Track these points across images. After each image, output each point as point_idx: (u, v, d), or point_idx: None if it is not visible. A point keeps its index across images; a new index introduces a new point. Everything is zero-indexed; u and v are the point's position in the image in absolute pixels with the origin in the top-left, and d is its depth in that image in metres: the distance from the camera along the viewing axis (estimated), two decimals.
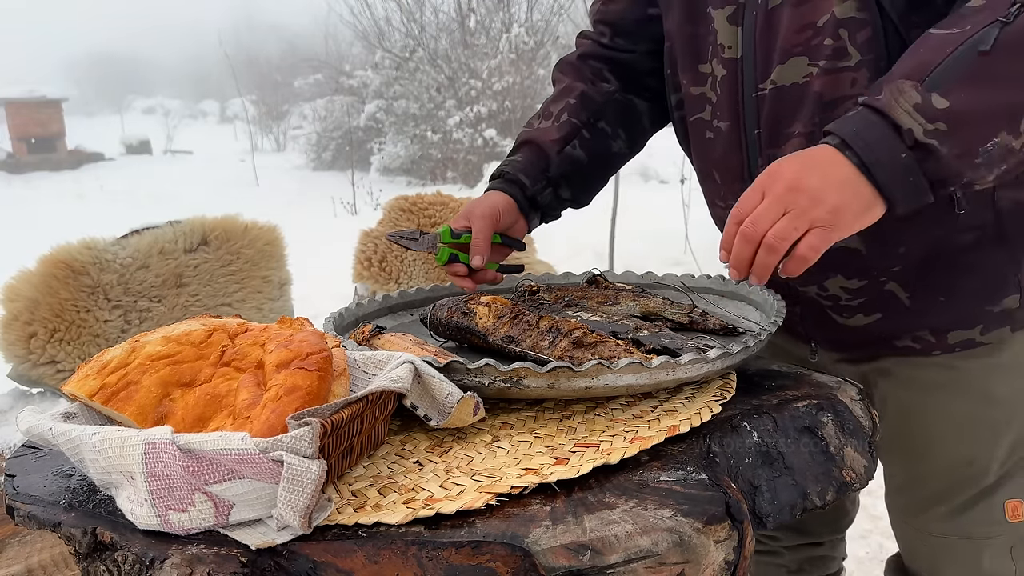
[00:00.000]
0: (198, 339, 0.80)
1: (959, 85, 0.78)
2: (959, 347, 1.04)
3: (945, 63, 0.79)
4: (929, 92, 0.78)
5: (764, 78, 1.01)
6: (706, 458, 0.78)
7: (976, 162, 0.79)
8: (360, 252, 2.55)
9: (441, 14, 11.52)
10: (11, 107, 14.75)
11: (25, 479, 0.80)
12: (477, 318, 1.00)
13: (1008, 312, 1.02)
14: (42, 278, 2.11)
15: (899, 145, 0.79)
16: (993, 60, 0.77)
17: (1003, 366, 1.05)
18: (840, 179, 0.81)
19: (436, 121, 10.80)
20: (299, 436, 0.65)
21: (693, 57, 1.11)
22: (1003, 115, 0.78)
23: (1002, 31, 0.77)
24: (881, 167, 0.80)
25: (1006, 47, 0.77)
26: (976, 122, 0.78)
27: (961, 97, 0.78)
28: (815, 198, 0.80)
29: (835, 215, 0.80)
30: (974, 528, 1.09)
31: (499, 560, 0.63)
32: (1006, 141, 0.78)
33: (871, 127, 0.80)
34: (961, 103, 0.78)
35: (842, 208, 0.80)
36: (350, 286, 2.60)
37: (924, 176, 0.79)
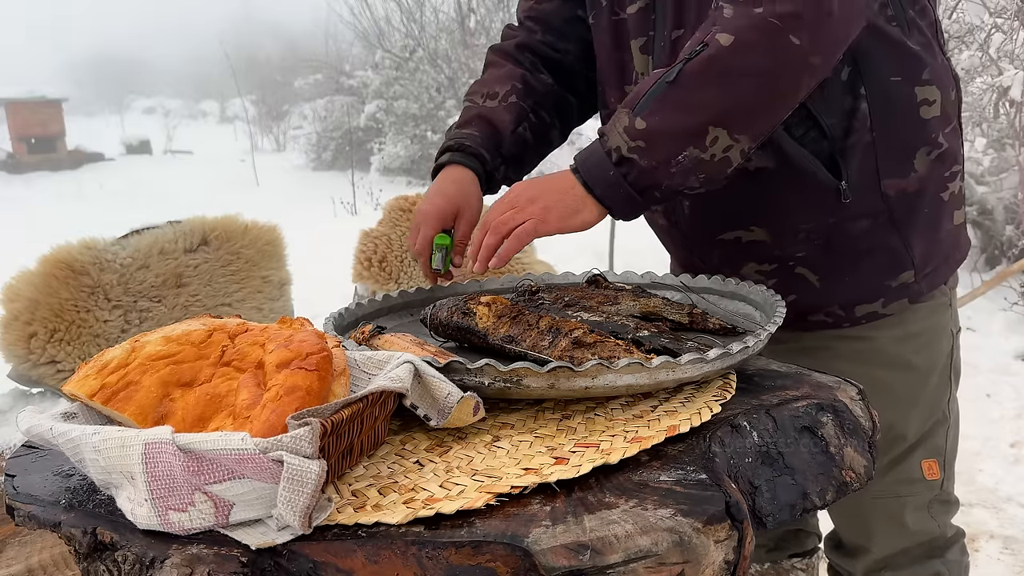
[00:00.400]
0: (198, 339, 0.80)
1: (653, 110, 0.96)
2: (865, 319, 1.19)
3: (648, 92, 0.97)
4: (635, 116, 0.97)
5: None
6: (706, 458, 0.78)
7: (671, 171, 0.97)
8: (360, 252, 2.55)
9: (441, 14, 11.51)
10: (11, 107, 14.75)
11: (25, 479, 0.80)
12: (477, 318, 1.00)
13: (905, 285, 1.17)
14: (42, 278, 2.11)
15: (608, 165, 0.99)
16: (677, 89, 0.95)
17: (913, 335, 1.20)
18: (557, 189, 1.02)
19: (436, 121, 10.79)
20: (299, 436, 0.65)
21: (620, 78, 1.24)
22: (688, 133, 0.95)
23: (685, 66, 0.95)
24: (595, 183, 1.00)
25: (685, 79, 0.95)
26: (666, 139, 0.96)
27: (655, 119, 0.96)
28: (532, 199, 1.02)
29: (545, 212, 1.01)
30: (898, 487, 1.22)
31: (499, 560, 0.63)
32: (695, 154, 0.96)
33: (592, 153, 1.01)
34: (654, 124, 0.96)
35: (551, 207, 1.01)
36: (350, 286, 2.60)
37: (630, 186, 0.99)
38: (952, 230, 1.20)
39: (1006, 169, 4.65)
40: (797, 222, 1.14)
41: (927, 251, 1.17)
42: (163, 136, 17.68)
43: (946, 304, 1.23)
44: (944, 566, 1.25)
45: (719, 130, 0.94)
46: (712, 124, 0.94)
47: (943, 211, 1.17)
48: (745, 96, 0.94)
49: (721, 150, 0.95)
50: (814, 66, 0.94)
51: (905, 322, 1.19)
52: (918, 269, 1.17)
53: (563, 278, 1.31)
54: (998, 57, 4.18)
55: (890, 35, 1.08)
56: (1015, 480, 2.52)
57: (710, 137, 0.95)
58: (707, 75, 0.94)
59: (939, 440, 1.24)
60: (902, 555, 1.25)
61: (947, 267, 1.21)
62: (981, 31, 4.30)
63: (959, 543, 1.28)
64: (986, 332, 3.82)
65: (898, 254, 1.16)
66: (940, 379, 1.23)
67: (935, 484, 1.24)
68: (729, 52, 0.92)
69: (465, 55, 10.88)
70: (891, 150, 1.11)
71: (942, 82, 1.12)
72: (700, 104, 0.94)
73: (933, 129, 1.12)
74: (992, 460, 2.66)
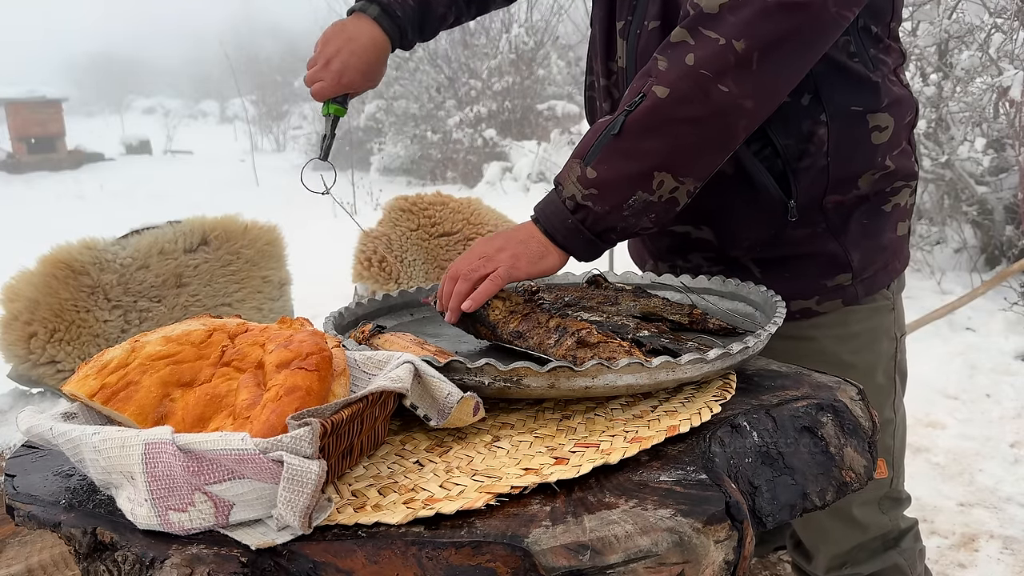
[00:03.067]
0: (198, 339, 0.80)
1: (600, 160, 1.02)
2: (800, 314, 1.23)
3: (595, 144, 1.03)
4: (586, 166, 1.03)
5: None
6: (706, 458, 0.78)
7: (624, 214, 1.02)
8: (360, 252, 2.55)
9: None
10: (11, 107, 14.74)
11: (25, 479, 0.80)
12: (491, 309, 1.01)
13: (841, 287, 1.22)
14: (42, 278, 2.11)
15: (565, 214, 1.04)
16: (621, 140, 1.01)
17: (853, 336, 1.24)
18: (521, 238, 1.07)
19: (436, 121, 10.79)
20: (299, 436, 0.65)
21: (606, 53, 1.27)
22: (636, 179, 1.01)
23: (627, 118, 1.00)
24: (556, 231, 1.05)
25: (628, 130, 1.00)
26: (616, 186, 1.01)
27: (603, 168, 1.01)
28: (500, 249, 1.06)
29: (513, 259, 1.05)
30: None
31: (499, 560, 0.63)
32: (644, 197, 1.01)
33: (550, 203, 1.06)
34: (604, 172, 1.01)
35: (518, 255, 1.05)
36: (350, 286, 2.60)
37: (588, 231, 1.04)
38: (895, 240, 1.25)
39: (1006, 169, 4.65)
40: (742, 230, 1.21)
41: (866, 257, 1.21)
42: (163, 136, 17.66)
43: (888, 308, 1.27)
44: (900, 555, 1.30)
45: (664, 174, 1.00)
46: (656, 169, 1.00)
47: (885, 222, 1.22)
48: (685, 142, 1.00)
49: (668, 191, 1.01)
50: (748, 109, 0.99)
51: (845, 323, 1.24)
52: (856, 273, 1.21)
53: (563, 278, 1.31)
54: (998, 57, 4.18)
55: (852, 69, 1.12)
56: (1015, 480, 2.52)
57: (656, 181, 1.00)
58: (647, 125, 0.99)
59: (887, 440, 1.28)
60: (859, 550, 1.29)
61: (886, 274, 1.25)
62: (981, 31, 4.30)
63: (912, 531, 1.34)
64: (986, 332, 3.82)
65: (837, 258, 1.20)
66: (884, 380, 1.27)
67: (884, 483, 1.28)
68: (666, 103, 0.98)
69: (465, 55, 10.88)
70: (841, 173, 1.15)
71: (899, 110, 1.17)
72: (644, 152, 1.00)
73: (881, 153, 1.17)
74: (992, 460, 2.66)
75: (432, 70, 10.91)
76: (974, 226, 4.73)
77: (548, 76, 10.83)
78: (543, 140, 9.35)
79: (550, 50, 10.87)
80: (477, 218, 2.55)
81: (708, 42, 0.96)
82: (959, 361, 3.46)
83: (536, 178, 8.70)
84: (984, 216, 4.65)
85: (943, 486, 2.49)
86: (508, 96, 10.43)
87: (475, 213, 2.56)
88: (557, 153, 8.74)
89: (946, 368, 3.39)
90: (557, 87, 10.88)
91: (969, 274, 4.51)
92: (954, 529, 2.23)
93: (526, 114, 10.54)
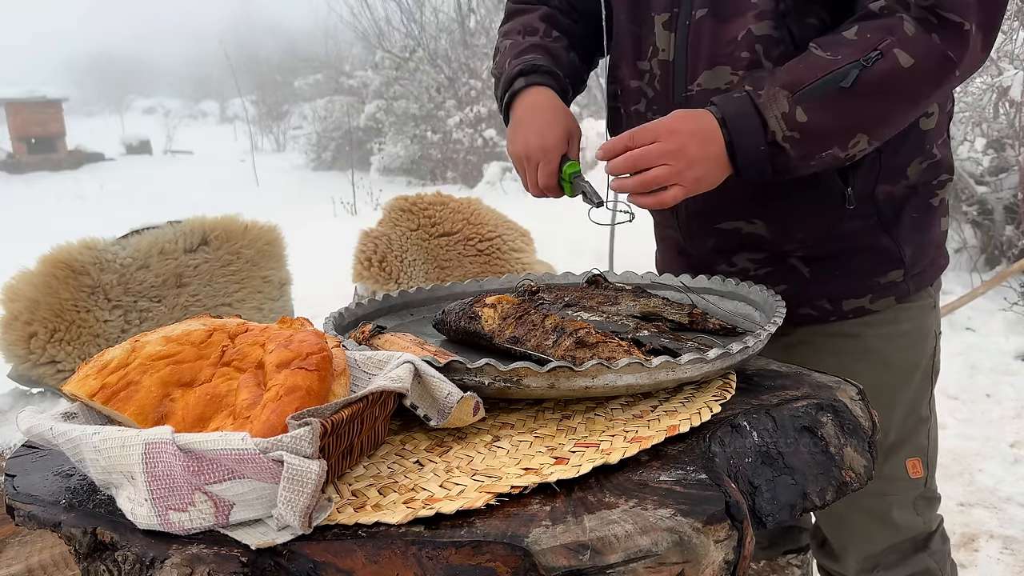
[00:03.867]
0: (198, 339, 0.80)
1: (819, 107, 0.98)
2: (852, 314, 1.20)
3: (814, 85, 0.98)
4: (796, 105, 0.99)
5: (692, 80, 1.14)
6: (706, 458, 0.78)
7: (811, 164, 1.02)
8: (360, 252, 2.55)
9: (441, 14, 11.51)
10: (11, 107, 14.74)
11: (25, 479, 0.80)
12: (483, 321, 1.00)
13: (893, 283, 1.20)
14: (42, 278, 2.11)
15: (761, 139, 1.00)
16: (849, 95, 0.97)
17: (902, 334, 1.22)
18: (711, 155, 1.01)
19: (436, 121, 10.79)
20: (299, 436, 0.65)
21: (635, 54, 1.22)
22: (842, 135, 1.00)
23: (861, 73, 0.97)
24: (743, 150, 1.01)
25: (860, 87, 0.97)
26: (822, 138, 1.00)
27: (817, 115, 0.98)
28: (690, 164, 1.01)
29: (696, 183, 1.02)
30: (884, 485, 1.21)
31: (499, 560, 0.63)
32: (837, 153, 1.01)
33: (746, 117, 1.01)
34: (816, 120, 0.98)
35: (703, 179, 1.02)
36: (350, 286, 2.60)
37: (771, 167, 1.02)
38: (940, 235, 1.24)
39: (1006, 169, 4.65)
40: (798, 221, 1.17)
41: (916, 252, 1.20)
42: (163, 136, 17.67)
43: (931, 306, 1.26)
44: (931, 558, 1.28)
45: (862, 135, 1.00)
46: (862, 130, 1.00)
47: (933, 216, 1.21)
48: (903, 113, 1.01)
49: (857, 152, 1.02)
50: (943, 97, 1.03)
51: (895, 320, 1.22)
52: (908, 269, 1.20)
53: (563, 278, 1.31)
54: (998, 57, 4.18)
55: None
56: (1015, 480, 2.52)
57: (854, 140, 1.00)
58: (882, 88, 0.97)
59: (922, 439, 1.27)
60: (891, 551, 1.27)
61: (933, 270, 1.24)
62: None
63: (939, 531, 1.32)
64: (986, 332, 3.82)
65: (889, 253, 1.19)
66: (922, 379, 1.26)
67: (919, 482, 1.26)
68: (908, 74, 0.97)
69: (465, 55, 10.87)
70: (892, 160, 1.14)
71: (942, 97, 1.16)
72: (864, 111, 0.99)
73: (929, 140, 1.16)
74: (992, 460, 2.66)
75: (432, 70, 10.91)
76: (974, 226, 4.73)
77: None
78: None
79: None
80: (477, 218, 2.55)
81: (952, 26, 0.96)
82: (959, 361, 3.47)
83: None
84: (984, 216, 4.65)
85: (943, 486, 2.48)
86: None
87: (475, 213, 2.56)
88: None
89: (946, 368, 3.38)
90: None
91: (969, 274, 4.51)
92: (954, 529, 2.23)
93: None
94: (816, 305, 1.21)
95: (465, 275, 2.47)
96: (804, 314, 1.22)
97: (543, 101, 1.22)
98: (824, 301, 1.21)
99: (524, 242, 2.60)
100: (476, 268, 2.51)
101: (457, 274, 2.49)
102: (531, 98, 1.23)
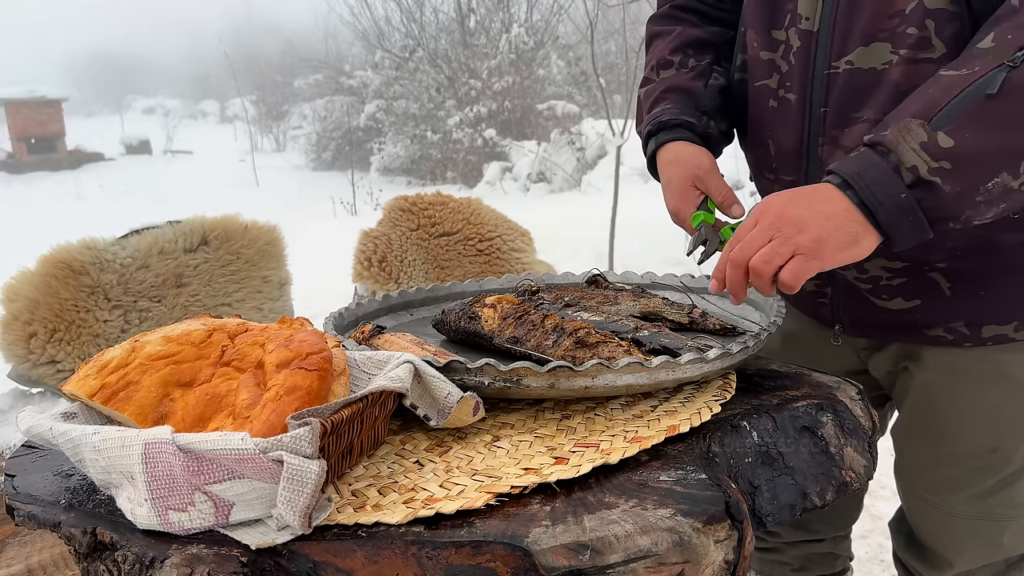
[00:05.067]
0: (198, 339, 0.80)
1: (965, 125, 0.81)
2: (992, 341, 1.06)
3: (952, 103, 0.82)
4: (935, 131, 0.81)
5: (839, 56, 0.99)
6: (706, 458, 0.78)
7: (976, 200, 0.83)
8: (360, 252, 2.55)
9: (441, 14, 11.52)
10: (11, 107, 14.75)
11: (25, 479, 0.80)
12: (483, 321, 1.00)
13: None
14: (42, 278, 2.11)
15: (899, 185, 0.83)
16: (999, 103, 0.80)
17: None
18: (828, 212, 0.85)
19: (436, 121, 10.80)
20: (299, 436, 0.65)
21: (768, 21, 1.09)
22: (1006, 156, 0.81)
23: (1009, 75, 0.80)
24: (881, 207, 0.84)
25: (1012, 91, 0.80)
26: (979, 162, 0.81)
27: (966, 137, 0.81)
28: (800, 227, 0.85)
29: (817, 244, 0.84)
30: (999, 510, 1.13)
31: (499, 560, 0.63)
32: (1006, 181, 0.82)
33: (872, 167, 0.84)
34: (966, 143, 0.81)
35: (824, 239, 0.84)
36: (350, 286, 2.60)
37: (924, 214, 0.83)
38: None
39: None
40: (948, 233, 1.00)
41: None
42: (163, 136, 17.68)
43: None
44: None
45: None
46: None
47: None
48: None
49: None
50: None
51: None
52: None
53: (563, 278, 1.31)
54: None
55: None
56: None
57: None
58: None
59: None
60: (985, 568, 1.20)
61: None
62: None
63: None
64: None
65: None
66: None
67: None
68: None
69: (465, 55, 10.88)
70: None
71: None
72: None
73: None
74: None
75: (432, 70, 10.91)
76: None
77: (548, 76, 10.83)
78: (543, 140, 9.36)
79: (550, 50, 10.87)
80: (477, 218, 2.55)
81: None
82: None
83: (536, 178, 8.71)
84: None
85: None
86: (508, 96, 10.44)
87: (475, 213, 2.56)
88: (557, 153, 8.75)
89: None
90: (557, 87, 10.88)
91: None
92: None
93: (526, 114, 10.54)
94: (951, 328, 1.07)
95: (465, 275, 2.47)
96: (935, 336, 1.08)
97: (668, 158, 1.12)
98: (961, 324, 1.06)
99: (524, 242, 2.60)
100: (476, 268, 2.51)
101: (457, 274, 2.49)
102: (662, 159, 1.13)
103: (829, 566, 1.44)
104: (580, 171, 8.49)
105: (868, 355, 1.19)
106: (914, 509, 1.22)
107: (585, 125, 9.12)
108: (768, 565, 1.44)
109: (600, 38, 7.73)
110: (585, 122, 9.31)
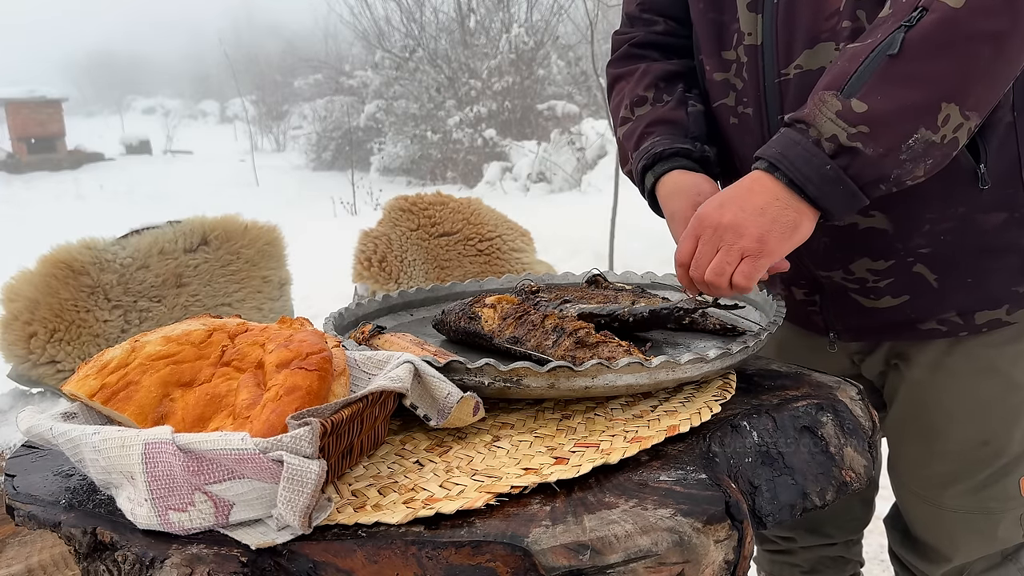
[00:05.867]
0: (198, 339, 0.80)
1: (875, 88, 0.84)
2: (986, 327, 1.06)
3: (860, 70, 0.85)
4: (848, 98, 0.84)
5: (787, 63, 1.02)
6: (706, 458, 0.78)
7: (901, 158, 0.85)
8: (360, 252, 2.55)
9: (441, 14, 11.52)
10: (11, 107, 14.76)
11: (25, 479, 0.80)
12: (483, 321, 1.00)
13: None
14: (42, 278, 2.11)
15: (822, 157, 0.85)
16: (902, 62, 0.83)
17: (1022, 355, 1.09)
18: (759, 207, 0.88)
19: (436, 121, 10.80)
20: (299, 436, 0.65)
21: (717, 44, 1.12)
22: (920, 112, 0.83)
23: (907, 34, 0.83)
24: (810, 182, 0.86)
25: (910, 48, 0.83)
26: (895, 121, 0.84)
27: (878, 99, 0.83)
28: (739, 231, 0.88)
29: (760, 242, 0.87)
30: (992, 503, 1.14)
31: (499, 560, 0.63)
32: (926, 136, 0.84)
33: (794, 145, 0.87)
34: (879, 104, 0.83)
35: (765, 235, 0.87)
36: (350, 286, 2.60)
37: (852, 180, 0.86)
38: None
39: None
40: (924, 209, 1.02)
41: None
42: (163, 136, 17.69)
43: None
44: (1021, 573, 1.22)
45: (951, 106, 0.83)
46: (944, 99, 0.83)
47: None
48: (980, 65, 0.83)
49: (952, 130, 0.84)
50: None
51: (1020, 337, 1.09)
52: None
53: (563, 278, 1.31)
54: None
55: None
56: None
57: (942, 115, 0.83)
58: (938, 42, 0.82)
59: None
60: (982, 560, 1.21)
61: None
62: None
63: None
64: None
65: None
66: None
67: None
68: (961, 15, 0.81)
69: (465, 55, 10.89)
70: None
71: None
72: (931, 76, 0.83)
73: None
74: None
75: (432, 70, 10.92)
76: None
77: (548, 76, 10.84)
78: (543, 140, 9.36)
79: (550, 50, 10.88)
80: (477, 218, 2.55)
81: None
82: None
83: (536, 178, 8.71)
84: None
85: None
86: (508, 96, 10.45)
87: (475, 213, 2.56)
88: (557, 153, 8.75)
89: None
90: (557, 87, 10.89)
91: None
92: None
93: (526, 114, 10.55)
94: (943, 319, 1.07)
95: (465, 275, 2.47)
96: (928, 330, 1.09)
97: (668, 191, 1.11)
98: (953, 314, 1.07)
99: (524, 242, 2.60)
100: (476, 268, 2.51)
101: (457, 274, 2.49)
102: (662, 192, 1.12)
103: (839, 570, 1.44)
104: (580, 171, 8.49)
105: (861, 359, 1.20)
106: (909, 505, 1.23)
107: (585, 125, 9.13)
108: (778, 567, 1.45)
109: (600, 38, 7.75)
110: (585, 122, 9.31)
